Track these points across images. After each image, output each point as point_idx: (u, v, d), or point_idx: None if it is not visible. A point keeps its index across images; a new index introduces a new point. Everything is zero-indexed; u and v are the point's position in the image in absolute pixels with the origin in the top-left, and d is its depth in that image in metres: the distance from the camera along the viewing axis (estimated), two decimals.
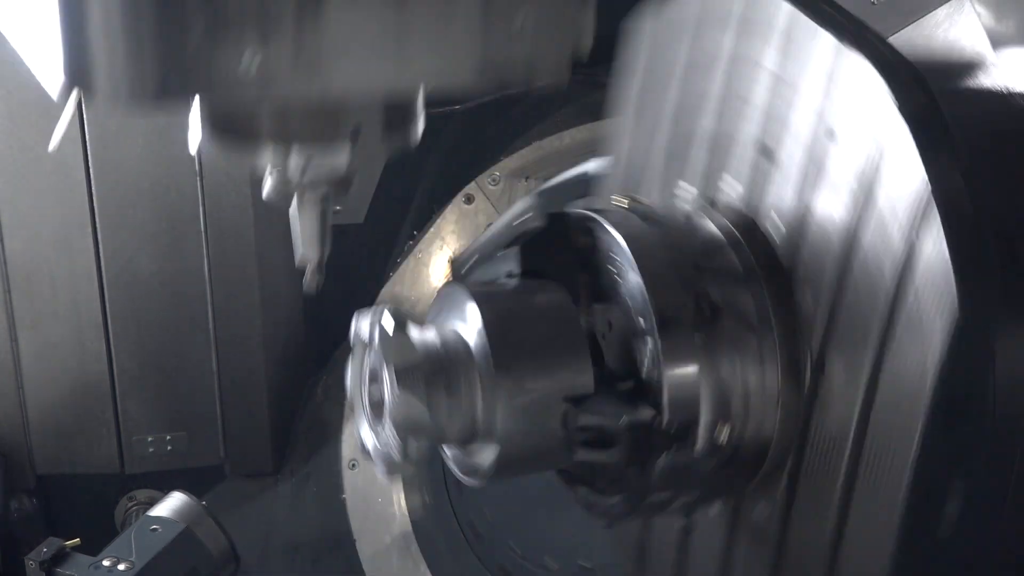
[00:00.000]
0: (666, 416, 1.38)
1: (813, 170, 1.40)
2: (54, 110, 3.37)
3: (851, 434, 1.34)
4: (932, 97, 1.33)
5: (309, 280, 1.54)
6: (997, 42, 3.31)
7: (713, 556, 1.55)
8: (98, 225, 3.16)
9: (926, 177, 1.25)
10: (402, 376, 1.37)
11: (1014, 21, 3.24)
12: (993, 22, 3.25)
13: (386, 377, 1.37)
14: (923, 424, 1.25)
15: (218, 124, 1.42)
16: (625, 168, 1.79)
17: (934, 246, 1.24)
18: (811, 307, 1.40)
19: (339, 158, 1.42)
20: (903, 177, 1.28)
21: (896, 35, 3.19)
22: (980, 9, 3.21)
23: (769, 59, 1.48)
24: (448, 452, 1.47)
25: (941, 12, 3.18)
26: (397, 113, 1.43)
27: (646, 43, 1.74)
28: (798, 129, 1.43)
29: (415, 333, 1.41)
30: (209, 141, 1.44)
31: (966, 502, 1.28)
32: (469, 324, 1.41)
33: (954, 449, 1.27)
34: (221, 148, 1.46)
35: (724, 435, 1.40)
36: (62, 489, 3.43)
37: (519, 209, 2.99)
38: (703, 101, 1.59)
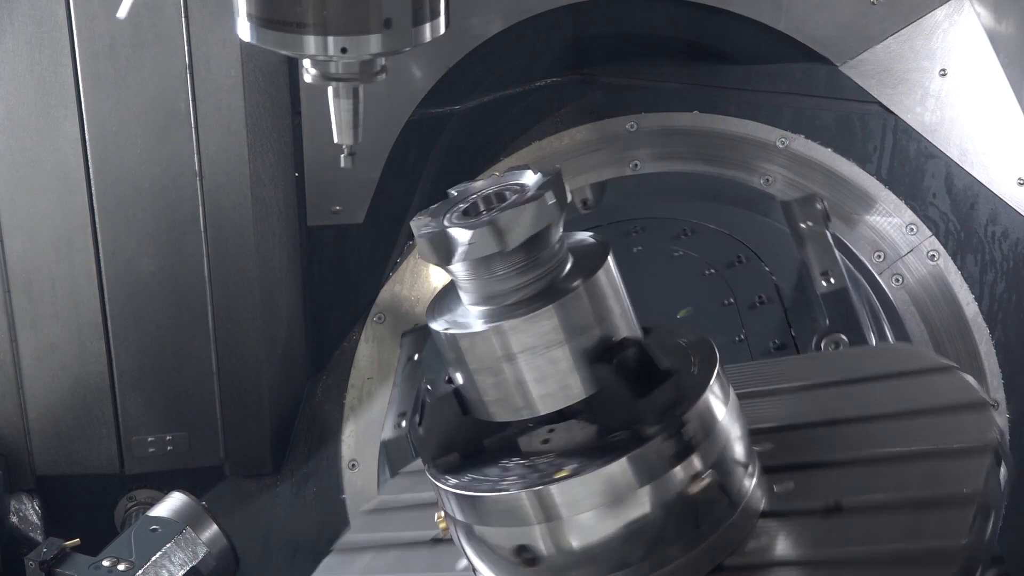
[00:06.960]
0: None
1: None
2: (54, 110, 3.36)
3: None
4: None
5: (344, 162, 1.77)
6: (997, 42, 3.31)
7: None
8: (98, 225, 3.15)
9: None
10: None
11: (1014, 21, 3.24)
12: (993, 22, 3.25)
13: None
14: None
15: (263, 15, 1.61)
16: None
17: None
18: None
19: (371, 49, 1.62)
20: None
21: (896, 35, 3.18)
22: (980, 9, 3.21)
23: None
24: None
25: (941, 12, 3.19)
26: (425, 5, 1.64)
27: None
28: None
29: None
30: (255, 33, 1.63)
31: None
32: None
33: None
34: (265, 40, 1.63)
35: None
36: (62, 489, 3.42)
37: None
38: None
